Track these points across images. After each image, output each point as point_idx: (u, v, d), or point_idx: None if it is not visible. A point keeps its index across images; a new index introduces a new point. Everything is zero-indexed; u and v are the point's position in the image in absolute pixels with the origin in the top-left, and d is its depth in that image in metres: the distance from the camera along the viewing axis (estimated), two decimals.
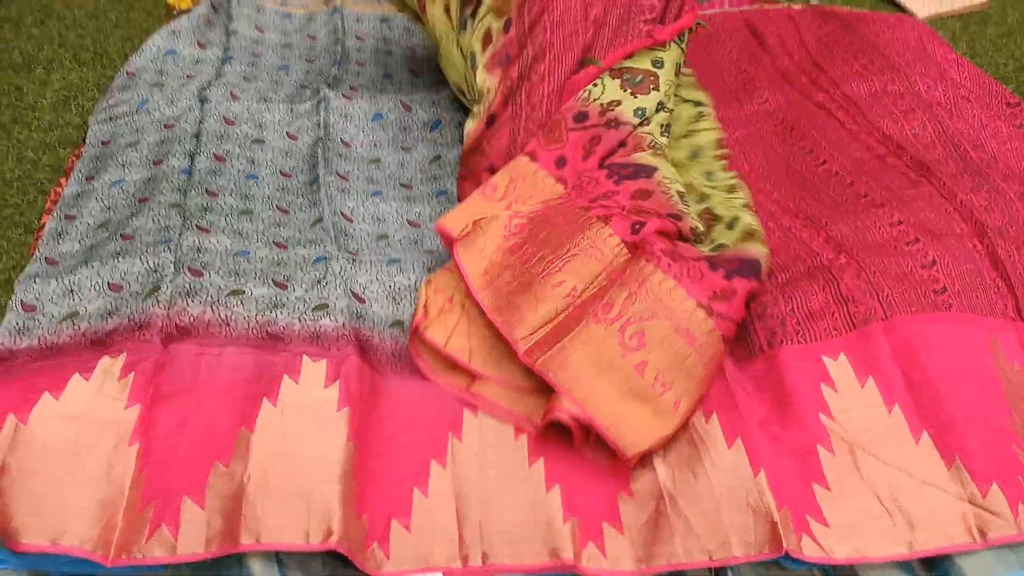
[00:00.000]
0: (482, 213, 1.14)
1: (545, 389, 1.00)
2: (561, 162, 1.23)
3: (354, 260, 1.17)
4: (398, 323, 1.12)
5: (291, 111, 1.46)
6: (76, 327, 1.04)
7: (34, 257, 1.16)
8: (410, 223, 1.30)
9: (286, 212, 1.27)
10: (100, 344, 1.02)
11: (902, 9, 1.99)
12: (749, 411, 0.99)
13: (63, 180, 1.33)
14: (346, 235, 1.23)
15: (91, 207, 1.25)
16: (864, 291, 1.12)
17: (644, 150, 1.24)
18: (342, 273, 1.13)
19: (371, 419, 0.99)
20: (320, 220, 1.24)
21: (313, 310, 1.08)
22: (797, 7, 1.87)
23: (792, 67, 1.68)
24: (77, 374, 0.98)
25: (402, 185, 1.38)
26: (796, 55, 1.71)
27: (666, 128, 1.30)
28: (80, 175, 1.31)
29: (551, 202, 1.16)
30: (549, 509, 0.93)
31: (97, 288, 1.08)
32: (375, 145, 1.46)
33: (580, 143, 1.24)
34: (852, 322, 1.10)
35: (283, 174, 1.35)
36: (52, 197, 1.30)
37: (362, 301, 1.12)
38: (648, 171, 1.20)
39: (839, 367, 1.06)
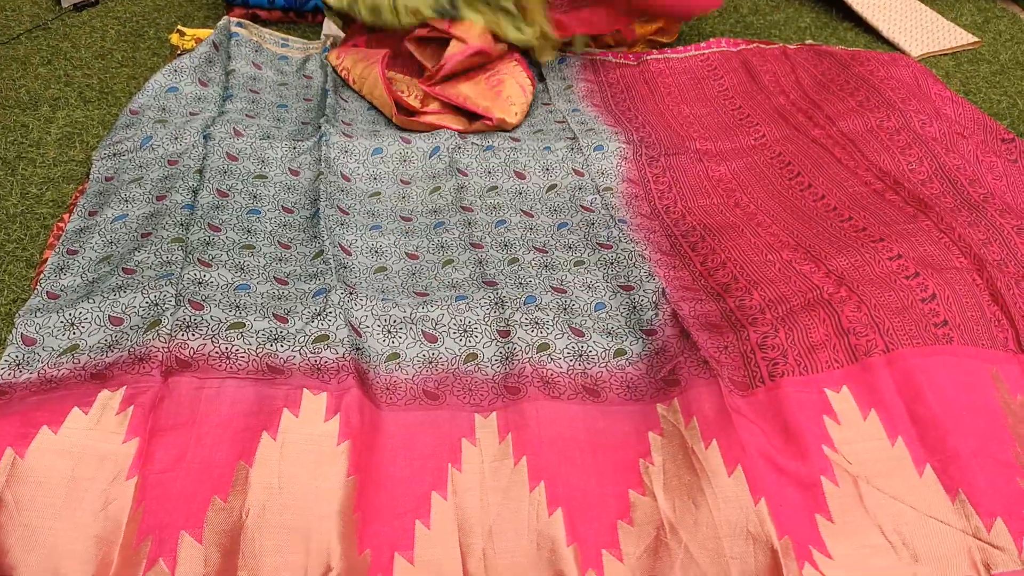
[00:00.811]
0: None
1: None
2: None
3: (352, 293, 1.18)
4: (393, 356, 1.12)
5: (293, 148, 1.48)
6: (76, 360, 1.04)
7: (36, 291, 1.16)
8: (408, 255, 1.31)
9: (287, 247, 1.28)
10: (100, 377, 1.02)
11: (896, 48, 2.02)
12: (749, 439, 0.99)
13: (66, 215, 1.34)
14: (345, 268, 1.24)
15: (93, 242, 1.25)
16: (865, 324, 1.12)
17: None
18: (341, 304, 1.14)
19: (371, 452, 0.99)
20: (321, 253, 1.25)
21: (313, 342, 1.08)
22: (793, 46, 1.90)
23: (788, 104, 1.70)
24: (76, 408, 0.97)
25: (402, 218, 1.40)
26: (792, 93, 1.74)
27: None
28: (83, 210, 1.32)
29: None
30: (552, 532, 0.92)
31: (98, 321, 1.09)
32: (375, 179, 1.47)
33: None
34: (853, 355, 1.09)
35: (285, 209, 1.36)
36: (55, 232, 1.31)
37: (359, 335, 1.12)
38: None
39: (842, 399, 1.05)
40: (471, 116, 1.63)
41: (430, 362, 1.11)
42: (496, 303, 1.19)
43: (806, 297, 1.18)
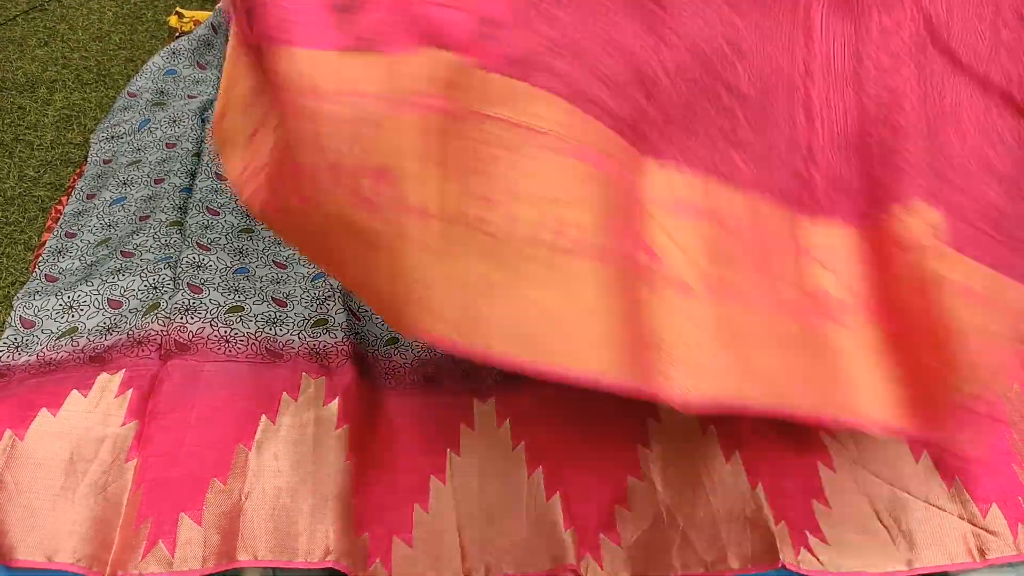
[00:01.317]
0: None
1: None
2: None
3: None
4: (392, 340, 1.12)
5: None
6: (75, 343, 1.04)
7: (34, 274, 1.16)
8: None
9: None
10: (98, 360, 1.02)
11: None
12: (746, 426, 0.99)
13: (64, 198, 1.33)
14: None
15: (92, 225, 1.25)
16: None
17: None
18: (339, 288, 1.14)
19: (370, 436, 0.99)
20: None
21: (312, 326, 1.08)
22: None
23: None
24: (75, 390, 0.98)
25: None
26: None
27: None
28: (81, 193, 1.32)
29: None
30: (551, 517, 0.92)
31: (96, 304, 1.08)
32: None
33: None
34: None
35: None
36: (53, 215, 1.31)
37: (359, 319, 1.12)
38: None
39: None
40: None
41: (429, 347, 1.11)
42: None
43: None
